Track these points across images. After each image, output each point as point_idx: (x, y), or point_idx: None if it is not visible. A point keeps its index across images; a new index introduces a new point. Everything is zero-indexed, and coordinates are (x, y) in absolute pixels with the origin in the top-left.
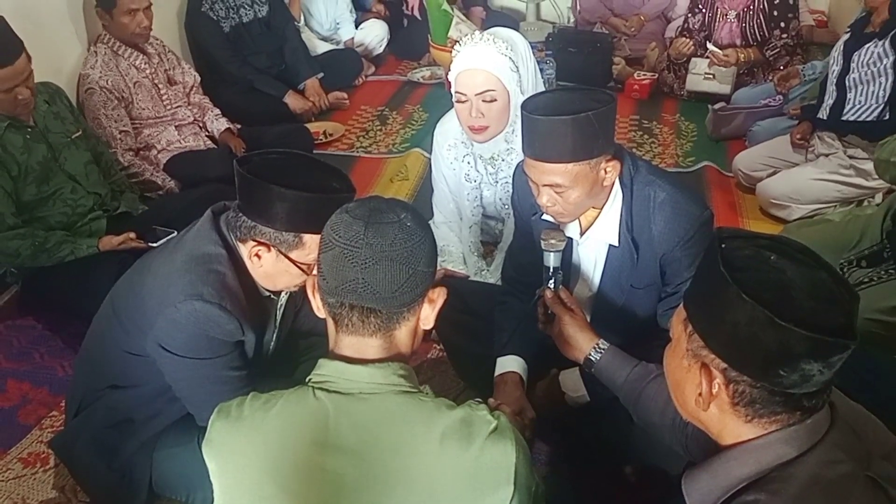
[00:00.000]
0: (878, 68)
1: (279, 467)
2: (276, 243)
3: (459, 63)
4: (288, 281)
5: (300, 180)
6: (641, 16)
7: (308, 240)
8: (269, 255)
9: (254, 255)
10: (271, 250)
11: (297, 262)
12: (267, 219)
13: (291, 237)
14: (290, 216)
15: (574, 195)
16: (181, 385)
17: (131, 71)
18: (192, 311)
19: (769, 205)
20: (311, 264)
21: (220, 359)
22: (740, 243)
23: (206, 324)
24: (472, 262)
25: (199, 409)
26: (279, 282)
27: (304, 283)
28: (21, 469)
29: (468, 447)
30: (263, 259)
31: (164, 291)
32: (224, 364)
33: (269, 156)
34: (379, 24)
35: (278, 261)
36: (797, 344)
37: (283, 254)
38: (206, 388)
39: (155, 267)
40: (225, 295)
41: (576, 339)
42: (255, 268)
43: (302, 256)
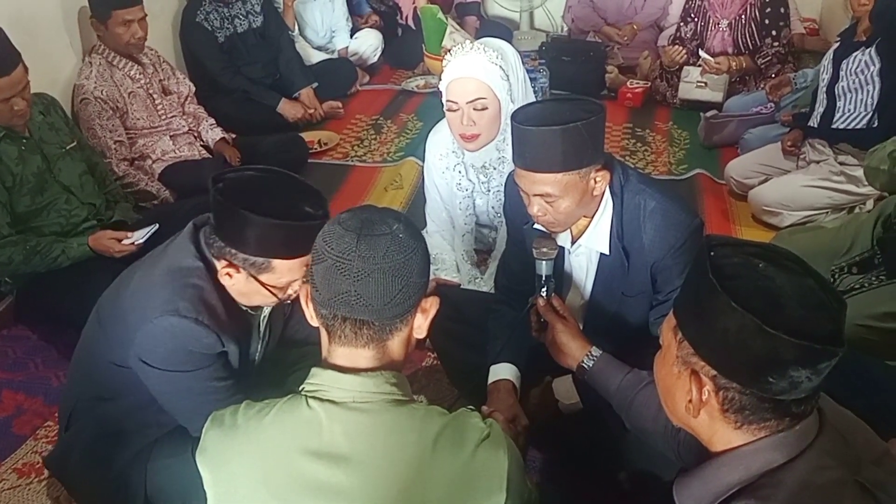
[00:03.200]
0: (866, 76)
1: (273, 476)
2: (245, 266)
3: (450, 72)
4: (262, 300)
5: (273, 204)
6: (634, 25)
7: (278, 265)
8: (240, 276)
9: (225, 273)
10: (241, 272)
11: (267, 286)
12: (236, 242)
13: (261, 261)
14: (260, 242)
15: (564, 205)
16: (166, 398)
17: (126, 81)
18: (169, 326)
19: (761, 212)
20: (284, 286)
21: (202, 371)
22: (729, 251)
23: (184, 338)
24: (466, 271)
25: (187, 420)
26: (253, 300)
27: (281, 301)
28: (16, 479)
29: (460, 454)
30: (234, 279)
31: (143, 306)
32: (207, 376)
33: (245, 173)
34: (373, 33)
35: (248, 282)
36: (786, 351)
37: (252, 276)
38: (191, 399)
39: (135, 280)
40: (202, 309)
41: (568, 346)
42: (227, 285)
43: (272, 280)
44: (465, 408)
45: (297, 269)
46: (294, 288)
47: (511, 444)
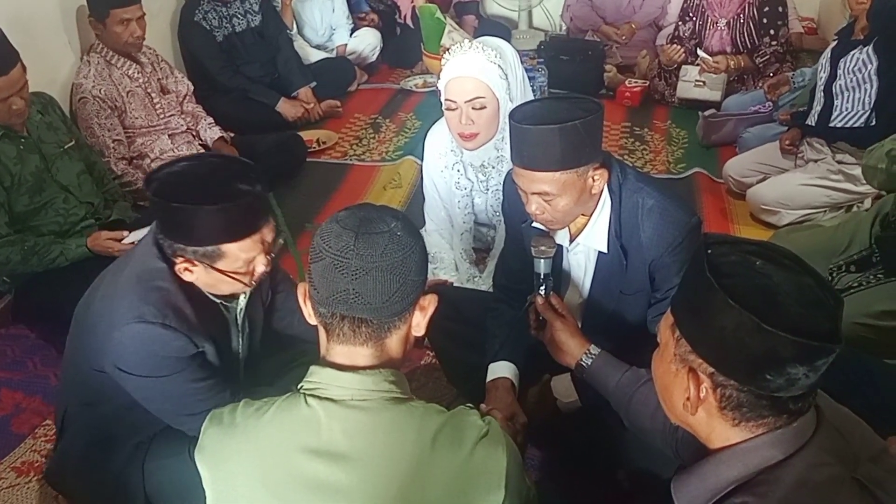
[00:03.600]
0: (864, 75)
1: (271, 474)
2: (198, 258)
3: (449, 71)
4: (231, 287)
5: (205, 190)
6: (632, 24)
7: (228, 249)
8: (199, 269)
9: (184, 269)
10: (197, 265)
11: (228, 273)
12: (181, 237)
13: (210, 250)
14: (202, 231)
15: (562, 203)
16: (148, 403)
17: (124, 80)
18: (136, 333)
19: (760, 210)
20: (247, 270)
21: (179, 375)
22: (727, 249)
23: (153, 344)
24: (464, 270)
25: (174, 422)
26: (222, 289)
27: (250, 284)
28: (14, 478)
29: (459, 452)
30: (195, 273)
31: (110, 314)
32: (185, 378)
33: (175, 167)
34: (372, 32)
35: (209, 273)
36: (783, 348)
37: (210, 267)
38: (174, 402)
39: (103, 287)
40: (168, 312)
41: (567, 344)
42: (192, 280)
43: (230, 265)
44: (464, 406)
45: (251, 248)
46: (259, 269)
47: (510, 442)
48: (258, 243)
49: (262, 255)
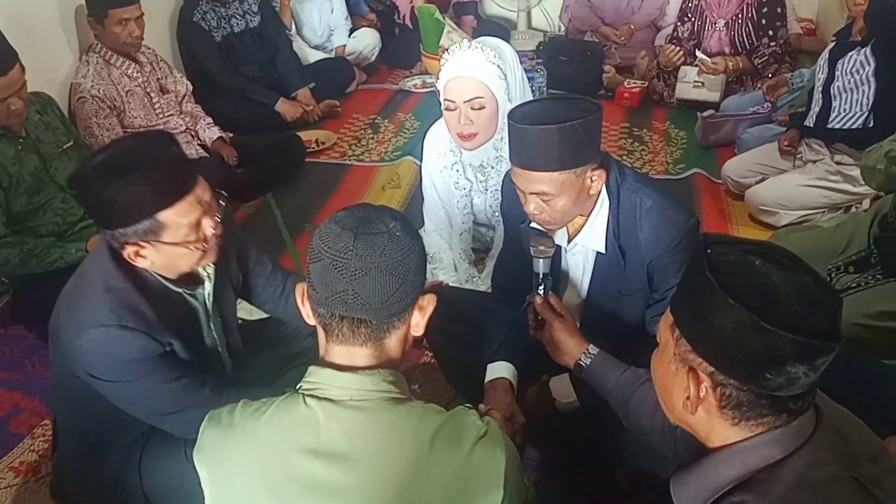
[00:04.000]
0: (861, 76)
1: (270, 474)
2: (142, 238)
3: (448, 71)
4: (187, 260)
5: (121, 167)
6: (631, 24)
7: (166, 218)
8: (149, 250)
9: (136, 257)
10: (144, 245)
11: (176, 243)
12: (116, 222)
13: (148, 224)
14: (132, 207)
15: (561, 203)
16: (126, 406)
17: (123, 80)
18: (95, 339)
19: (758, 211)
20: (196, 237)
21: (149, 377)
22: (726, 249)
23: (113, 347)
24: (463, 270)
25: (156, 423)
26: (181, 264)
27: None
28: (13, 478)
29: (458, 452)
30: (147, 256)
31: (70, 322)
32: (158, 380)
33: (92, 161)
34: (371, 32)
35: (159, 251)
36: (783, 347)
37: (158, 243)
38: (151, 404)
39: (65, 294)
40: (123, 313)
41: (566, 344)
42: (148, 266)
43: (176, 235)
44: (463, 406)
45: (189, 210)
46: (209, 232)
47: (508, 443)
48: (195, 204)
49: (207, 218)
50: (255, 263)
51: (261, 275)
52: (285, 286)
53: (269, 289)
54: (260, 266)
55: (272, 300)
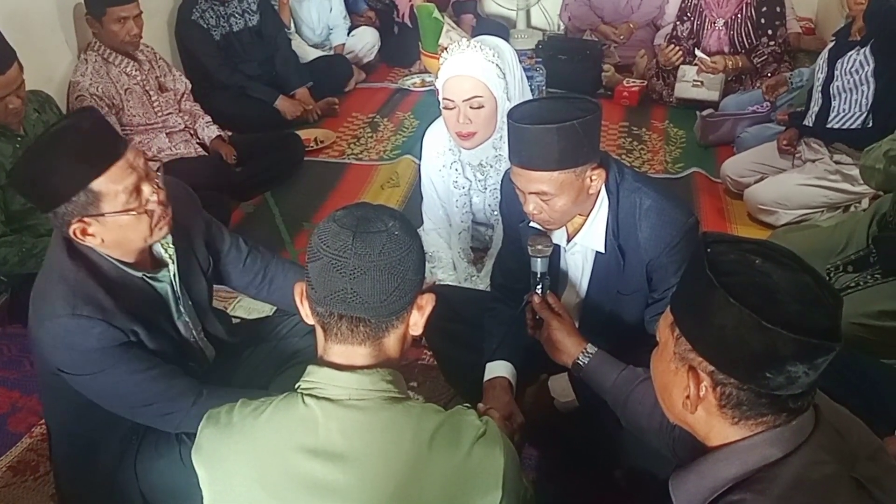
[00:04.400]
0: (860, 76)
1: (269, 474)
2: (83, 212)
3: (447, 70)
4: (137, 232)
5: (45, 145)
6: (631, 23)
7: (100, 186)
8: (95, 227)
9: (84, 236)
10: (88, 220)
11: (118, 212)
12: (54, 201)
13: (83, 196)
14: (63, 182)
15: (560, 203)
16: (100, 400)
17: (122, 78)
18: (51, 330)
19: (757, 210)
20: (136, 203)
21: (114, 368)
22: (725, 248)
23: (71, 338)
24: (462, 269)
25: (132, 417)
26: (132, 238)
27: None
28: (11, 477)
29: (456, 452)
30: (94, 233)
31: (33, 317)
32: (125, 371)
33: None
34: (370, 31)
35: (105, 225)
36: (783, 346)
37: (100, 215)
38: (123, 398)
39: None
40: (76, 301)
41: (564, 343)
42: (99, 247)
43: (115, 204)
44: (461, 405)
45: (123, 175)
46: (150, 198)
47: (507, 442)
48: (127, 169)
49: (146, 184)
50: (228, 248)
51: (236, 260)
52: (266, 271)
53: (248, 274)
54: (235, 251)
55: (253, 286)
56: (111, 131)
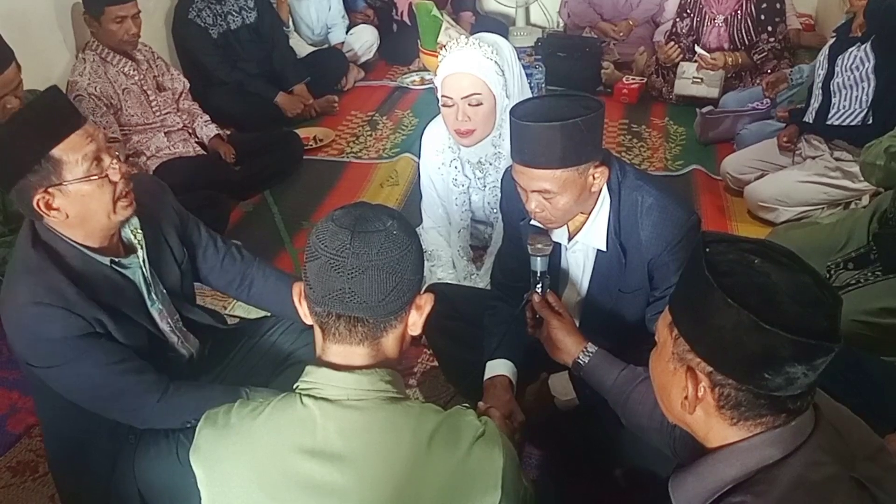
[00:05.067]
0: (861, 73)
1: (267, 475)
2: (45, 184)
3: (445, 67)
4: (100, 204)
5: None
6: (630, 20)
7: (60, 154)
8: (59, 199)
9: (47, 208)
10: (50, 191)
11: (79, 179)
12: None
13: (44, 167)
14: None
15: (562, 201)
16: (71, 395)
17: (120, 77)
18: (13, 320)
19: (757, 207)
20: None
21: (80, 361)
22: (724, 247)
23: (33, 327)
24: (462, 267)
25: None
26: (95, 210)
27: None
28: (10, 478)
29: (455, 452)
30: (59, 206)
31: (2, 310)
32: (91, 363)
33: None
34: (368, 29)
35: (67, 196)
36: (782, 347)
37: (61, 185)
38: (92, 390)
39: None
40: (38, 290)
41: (564, 342)
42: (64, 226)
43: (75, 171)
44: (461, 405)
45: (82, 144)
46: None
47: (506, 442)
48: (86, 138)
49: (107, 155)
50: (204, 244)
51: (212, 258)
52: (245, 274)
53: (226, 275)
54: (212, 249)
55: (232, 287)
56: (69, 105)
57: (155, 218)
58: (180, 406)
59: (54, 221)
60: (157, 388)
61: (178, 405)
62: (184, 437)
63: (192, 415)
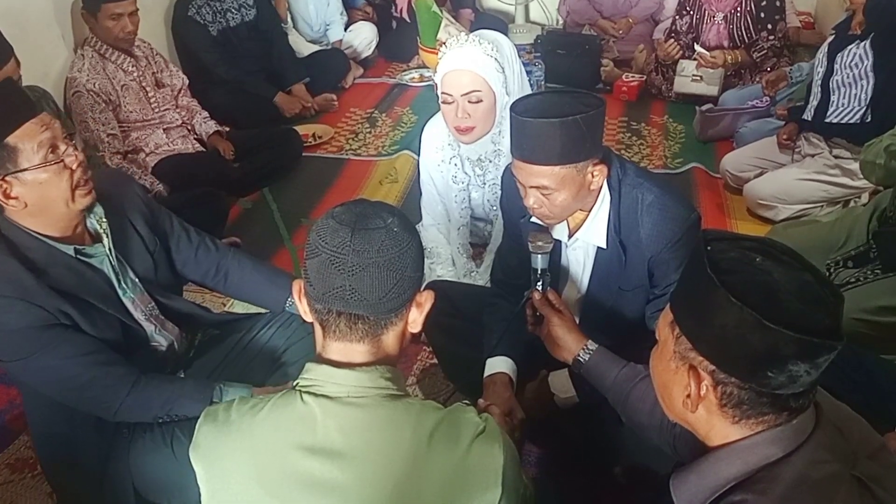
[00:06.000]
0: (860, 70)
1: (267, 472)
2: (3, 171)
3: (445, 64)
4: (58, 191)
5: None
6: (630, 18)
7: (15, 141)
8: (16, 186)
9: (6, 197)
10: (8, 179)
11: (36, 166)
12: None
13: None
14: None
15: (560, 198)
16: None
17: (119, 74)
18: None
19: (756, 205)
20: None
21: (45, 352)
22: (725, 245)
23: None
24: (461, 264)
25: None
26: (53, 197)
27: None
28: (9, 475)
29: (455, 449)
30: (16, 192)
31: None
32: (58, 355)
33: None
34: (367, 26)
35: (25, 184)
36: (785, 346)
37: (17, 171)
38: (60, 382)
39: None
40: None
41: (564, 340)
42: (25, 214)
43: (32, 158)
44: (461, 403)
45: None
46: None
47: (506, 439)
48: (41, 126)
49: (62, 143)
50: (175, 235)
51: (186, 250)
52: (220, 265)
53: (202, 267)
54: (185, 241)
55: (209, 278)
56: (24, 95)
57: (121, 207)
58: (149, 400)
59: (13, 211)
60: (126, 381)
61: (147, 399)
62: (179, 431)
63: (161, 409)
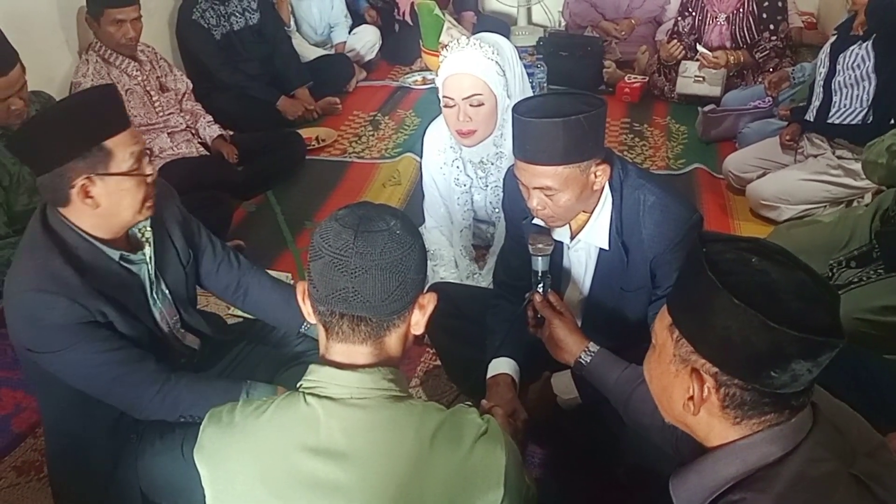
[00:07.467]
0: (862, 71)
1: (270, 473)
2: (91, 169)
3: (446, 68)
4: (133, 200)
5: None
6: (632, 19)
7: (112, 145)
8: (99, 186)
9: (84, 195)
10: (94, 179)
11: (124, 173)
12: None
13: (96, 152)
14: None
15: (564, 198)
16: (72, 381)
17: (123, 78)
18: (16, 305)
19: (759, 206)
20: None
21: (78, 347)
22: (721, 247)
23: (35, 312)
24: (464, 266)
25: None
26: (125, 206)
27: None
28: (15, 477)
29: (458, 450)
30: (96, 192)
31: (5, 299)
32: (90, 350)
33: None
34: (371, 29)
35: (107, 185)
36: (789, 345)
37: (106, 174)
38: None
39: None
40: (42, 276)
41: (566, 342)
42: (89, 214)
43: (122, 165)
44: (463, 404)
45: (132, 140)
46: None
47: (509, 440)
48: (134, 136)
49: (147, 158)
50: (204, 247)
51: (210, 262)
52: (240, 282)
53: (222, 281)
54: (210, 253)
55: (228, 294)
56: (122, 104)
57: (162, 218)
58: (178, 398)
59: (78, 209)
60: (157, 378)
61: (177, 397)
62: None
63: (189, 409)
